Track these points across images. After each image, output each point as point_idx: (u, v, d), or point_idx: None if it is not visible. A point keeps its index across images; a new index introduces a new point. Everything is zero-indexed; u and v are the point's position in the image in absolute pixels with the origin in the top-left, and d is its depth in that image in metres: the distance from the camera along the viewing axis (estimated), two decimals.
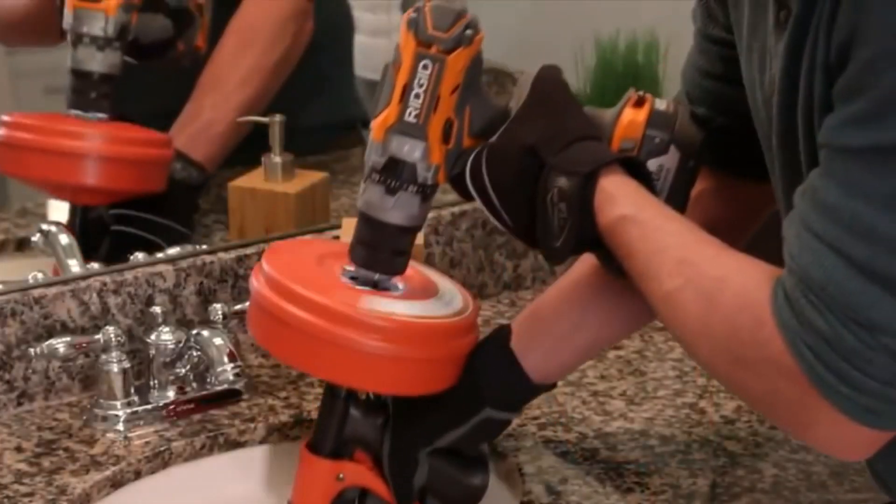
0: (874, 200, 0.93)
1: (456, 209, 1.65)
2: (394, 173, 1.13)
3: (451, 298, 1.22)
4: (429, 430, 1.19)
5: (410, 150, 1.12)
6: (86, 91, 1.54)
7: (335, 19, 1.83)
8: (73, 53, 1.54)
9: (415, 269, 1.23)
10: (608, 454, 1.35)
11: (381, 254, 1.16)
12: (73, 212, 1.60)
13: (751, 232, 1.27)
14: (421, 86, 1.11)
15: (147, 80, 1.64)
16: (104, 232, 1.58)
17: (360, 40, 1.93)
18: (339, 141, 1.87)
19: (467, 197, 1.15)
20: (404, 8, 1.96)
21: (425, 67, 1.11)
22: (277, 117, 1.60)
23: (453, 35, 1.11)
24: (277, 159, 1.61)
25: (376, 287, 1.17)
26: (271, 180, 1.61)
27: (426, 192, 1.14)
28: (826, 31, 0.98)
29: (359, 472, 1.21)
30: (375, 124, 1.13)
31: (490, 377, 1.18)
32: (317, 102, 1.79)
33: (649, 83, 1.81)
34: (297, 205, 1.60)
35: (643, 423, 1.41)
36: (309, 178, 1.63)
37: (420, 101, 1.11)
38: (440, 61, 1.11)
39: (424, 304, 1.19)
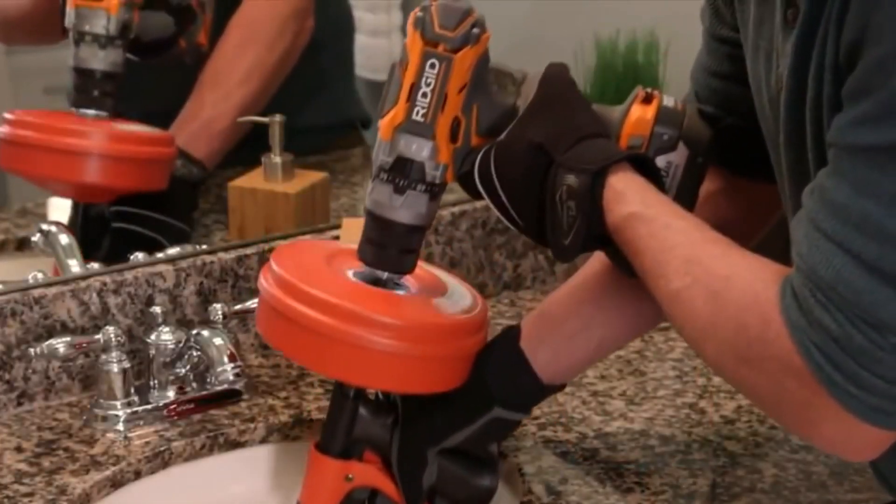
0: (883, 199, 0.93)
1: (456, 209, 1.66)
2: (402, 172, 1.13)
3: (459, 297, 1.23)
4: (437, 429, 1.19)
5: (418, 149, 1.12)
6: (88, 89, 1.54)
7: (335, 19, 1.83)
8: (75, 52, 1.54)
9: (423, 267, 1.23)
10: (608, 454, 1.35)
11: (389, 252, 1.16)
12: (75, 209, 1.61)
13: (760, 233, 1.27)
14: (428, 85, 1.11)
15: (147, 79, 1.64)
16: (105, 229, 1.58)
17: (361, 40, 1.93)
18: (339, 141, 1.87)
19: (476, 196, 1.15)
20: (404, 8, 1.96)
21: (432, 66, 1.11)
22: (277, 117, 1.60)
23: (460, 34, 1.11)
24: (277, 159, 1.61)
25: (384, 286, 1.17)
26: (271, 180, 1.61)
27: (434, 191, 1.14)
28: (835, 30, 0.98)
29: (368, 473, 1.21)
30: (383, 123, 1.13)
31: (499, 376, 1.18)
32: (317, 102, 1.79)
33: (649, 83, 1.80)
34: (297, 205, 1.60)
35: (643, 423, 1.41)
36: (309, 178, 1.63)
37: (427, 100, 1.11)
38: (447, 60, 1.11)
39: (434, 302, 1.19)
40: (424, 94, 1.11)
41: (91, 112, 1.55)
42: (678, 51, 1.79)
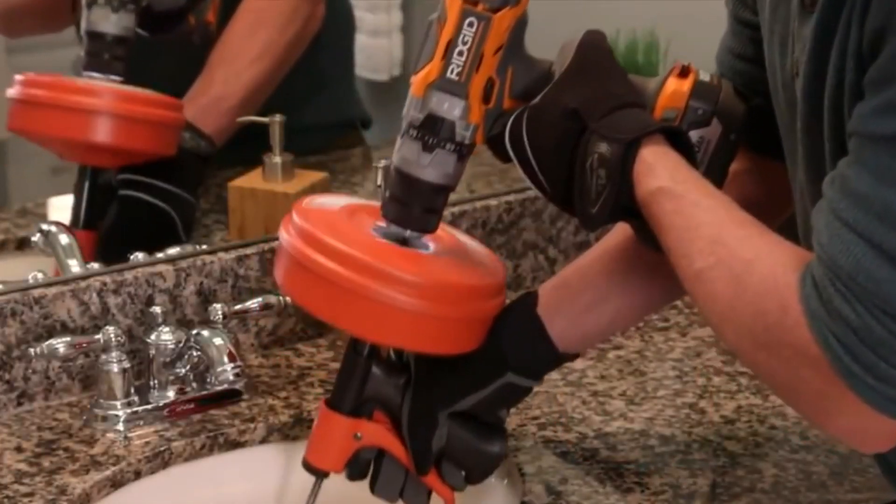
0: None
1: (456, 209, 1.65)
2: (432, 130, 1.12)
3: (480, 260, 1.22)
4: (450, 391, 1.19)
5: (451, 108, 1.12)
6: (100, 52, 1.55)
7: (336, 19, 1.83)
8: (87, 14, 1.54)
9: (445, 230, 1.22)
10: (608, 454, 1.35)
11: (413, 211, 1.15)
12: (82, 174, 1.60)
13: (784, 214, 1.24)
14: (465, 43, 1.11)
15: (157, 63, 1.65)
16: (112, 197, 1.58)
17: (361, 40, 1.93)
18: (339, 141, 1.87)
19: (504, 158, 1.14)
20: (404, 8, 1.96)
21: (471, 25, 1.10)
22: (277, 117, 1.60)
23: None
24: (277, 159, 1.61)
25: (406, 244, 1.16)
26: (271, 180, 1.61)
27: (463, 152, 1.13)
28: (859, 17, 0.97)
29: (377, 433, 1.21)
30: (416, 79, 1.12)
31: (515, 342, 1.18)
32: (317, 102, 1.79)
33: None
34: None
35: (643, 423, 1.41)
36: (309, 178, 1.63)
37: (463, 58, 1.11)
38: (486, 19, 1.11)
39: (455, 263, 1.19)
40: (461, 53, 1.11)
41: (102, 75, 1.55)
42: (678, 51, 1.79)
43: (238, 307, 1.46)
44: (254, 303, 1.46)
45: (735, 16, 1.24)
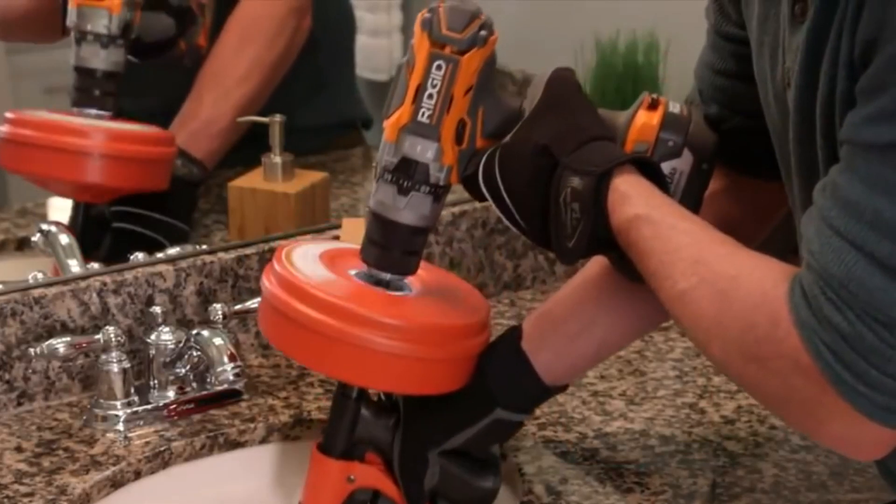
0: None
1: (456, 209, 1.65)
2: (406, 173, 1.13)
3: (462, 298, 1.23)
4: (439, 430, 1.19)
5: (423, 151, 1.12)
6: (89, 89, 1.55)
7: (336, 19, 1.83)
8: (76, 51, 1.54)
9: (426, 269, 1.23)
10: (608, 454, 1.35)
11: (392, 254, 1.16)
12: (76, 209, 1.61)
13: (765, 232, 1.26)
14: (434, 86, 1.11)
15: (148, 77, 1.64)
16: (105, 229, 1.58)
17: (361, 40, 1.93)
18: (339, 141, 1.87)
19: (479, 198, 1.15)
20: (404, 8, 1.96)
21: (439, 68, 1.11)
22: (277, 117, 1.60)
23: (468, 36, 1.11)
24: (277, 159, 1.61)
25: (387, 287, 1.17)
26: (271, 180, 1.61)
27: (438, 193, 1.14)
28: (851, 26, 0.97)
29: (370, 474, 1.21)
30: (388, 124, 1.13)
31: (501, 378, 1.18)
32: (317, 102, 1.79)
33: (649, 83, 1.81)
34: (297, 205, 1.60)
35: (643, 423, 1.41)
36: (309, 178, 1.63)
37: (433, 101, 1.11)
38: (454, 62, 1.11)
39: (436, 303, 1.19)
40: (430, 96, 1.11)
41: (92, 111, 1.55)
42: (678, 51, 1.79)
43: (238, 307, 1.46)
44: (254, 303, 1.46)
45: (717, 30, 1.24)
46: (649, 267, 1.06)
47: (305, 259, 1.21)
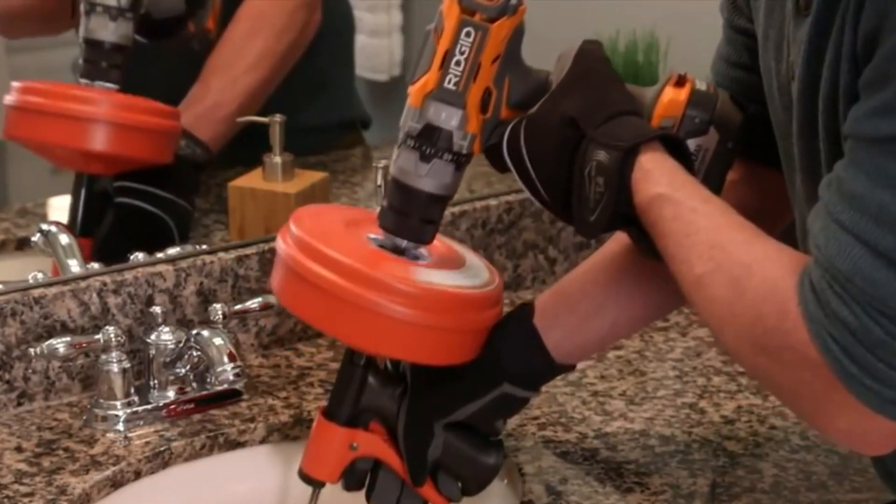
0: None
1: (456, 209, 1.65)
2: (429, 140, 1.12)
3: (477, 271, 1.22)
4: (445, 401, 1.19)
5: (448, 118, 1.12)
6: (97, 60, 1.55)
7: (335, 19, 1.83)
8: (85, 22, 1.54)
9: (441, 240, 1.22)
10: (608, 454, 1.35)
11: (410, 221, 1.15)
12: (78, 182, 1.60)
13: (781, 225, 1.25)
14: (462, 53, 1.11)
15: (154, 71, 1.65)
16: (108, 204, 1.58)
17: (361, 40, 1.94)
18: (339, 141, 1.88)
19: (502, 168, 1.14)
20: (404, 8, 1.97)
21: (468, 35, 1.10)
22: (277, 117, 1.60)
23: (498, 4, 1.11)
24: (277, 159, 1.61)
25: (403, 254, 1.16)
26: (271, 180, 1.61)
27: (460, 161, 1.13)
28: (853, 20, 0.97)
29: (373, 443, 1.21)
30: (414, 90, 1.12)
31: (511, 353, 1.18)
32: (317, 102, 1.79)
33: (649, 83, 1.80)
34: (297, 205, 1.60)
35: (643, 423, 1.41)
36: (309, 178, 1.63)
37: (461, 68, 1.11)
38: (483, 29, 1.11)
39: (451, 274, 1.19)
40: (458, 63, 1.11)
41: (99, 84, 1.55)
42: (678, 51, 1.79)
43: (238, 307, 1.46)
44: (254, 303, 1.46)
45: (730, 24, 1.24)
46: (668, 248, 1.05)
47: (322, 221, 1.20)
